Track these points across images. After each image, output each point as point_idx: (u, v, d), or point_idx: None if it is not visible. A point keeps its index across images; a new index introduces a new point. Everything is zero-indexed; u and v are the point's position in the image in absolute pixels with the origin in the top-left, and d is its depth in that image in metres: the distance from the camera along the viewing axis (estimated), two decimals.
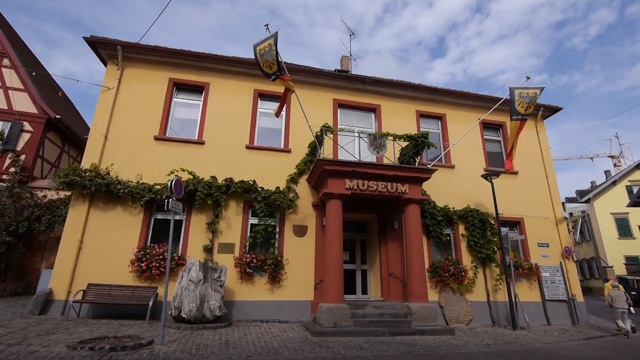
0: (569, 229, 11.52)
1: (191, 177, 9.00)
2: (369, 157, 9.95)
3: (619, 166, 38.32)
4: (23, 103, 12.48)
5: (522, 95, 9.23)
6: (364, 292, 10.30)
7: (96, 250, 8.22)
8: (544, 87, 9.39)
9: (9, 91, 12.48)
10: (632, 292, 20.33)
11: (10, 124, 12.18)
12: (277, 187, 9.45)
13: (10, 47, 12.80)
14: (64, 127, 13.55)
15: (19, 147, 12.03)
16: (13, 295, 10.96)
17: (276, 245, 9.20)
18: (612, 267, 25.02)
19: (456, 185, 10.89)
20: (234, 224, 9.11)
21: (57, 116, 12.49)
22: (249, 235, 9.11)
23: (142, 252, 8.23)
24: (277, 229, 9.35)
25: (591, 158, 44.37)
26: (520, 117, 9.23)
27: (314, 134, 9.26)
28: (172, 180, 6.13)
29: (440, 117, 11.90)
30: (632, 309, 9.30)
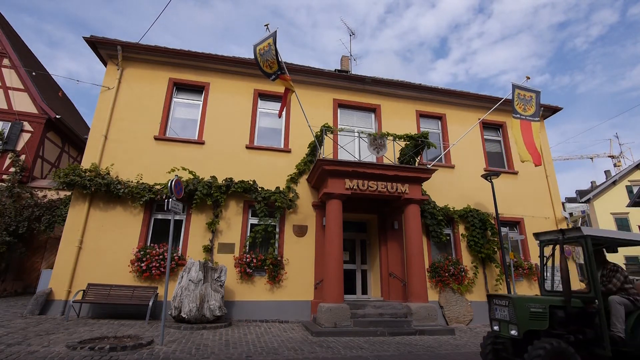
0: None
1: (191, 177, 9.00)
2: (369, 157, 9.95)
3: (619, 166, 38.30)
4: (23, 103, 12.48)
5: (519, 96, 9.42)
6: (364, 292, 10.30)
7: (96, 250, 8.22)
8: (540, 91, 9.58)
9: (9, 91, 12.47)
10: None
11: (10, 124, 12.17)
12: (277, 187, 9.45)
13: (10, 47, 12.78)
14: (64, 127, 13.54)
15: (19, 147, 12.03)
16: (13, 295, 10.96)
17: (276, 245, 9.21)
18: None
19: (456, 185, 10.89)
20: (234, 224, 9.11)
21: (57, 116, 12.49)
22: (249, 235, 9.11)
23: (142, 252, 8.23)
24: (277, 229, 9.35)
25: (591, 158, 44.42)
26: (520, 116, 9.33)
27: (314, 134, 9.26)
28: (172, 180, 6.12)
29: (440, 117, 11.90)
30: None
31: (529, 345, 3.99)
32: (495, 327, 4.49)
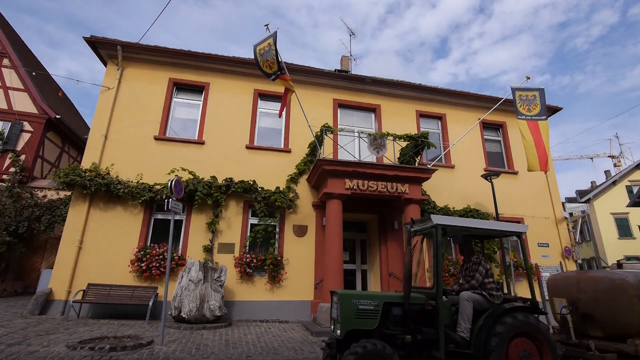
0: (569, 229, 11.52)
1: (191, 177, 9.00)
2: (369, 157, 9.95)
3: (619, 166, 38.24)
4: (23, 103, 12.48)
5: (522, 97, 9.30)
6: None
7: (96, 250, 8.22)
8: (543, 89, 9.42)
9: (9, 91, 12.47)
10: None
11: (10, 124, 12.17)
12: (277, 187, 9.45)
13: (10, 47, 12.79)
14: (64, 127, 13.54)
15: (19, 147, 12.03)
16: (13, 295, 10.97)
17: (276, 245, 9.21)
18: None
19: (456, 185, 10.89)
20: (234, 224, 9.10)
21: (57, 116, 12.48)
22: (249, 235, 9.11)
23: (142, 252, 8.23)
24: (277, 229, 9.35)
25: (591, 158, 44.31)
26: (525, 117, 9.19)
27: (314, 134, 9.26)
28: (172, 180, 6.12)
29: (440, 117, 11.90)
30: None
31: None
32: (332, 327, 4.03)
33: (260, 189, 9.30)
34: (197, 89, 10.31)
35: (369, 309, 3.84)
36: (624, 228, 26.36)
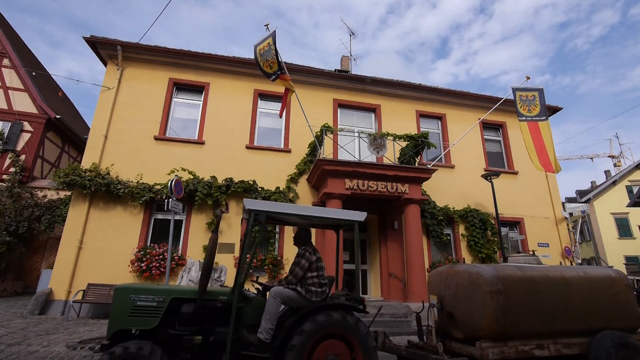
0: (569, 229, 11.52)
1: (191, 177, 9.00)
2: (369, 157, 9.95)
3: (619, 166, 38.22)
4: (23, 103, 12.47)
5: (522, 98, 9.28)
6: (364, 292, 10.29)
7: (96, 250, 8.22)
8: (542, 88, 9.41)
9: (9, 91, 12.47)
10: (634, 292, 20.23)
11: (10, 124, 12.16)
12: (277, 187, 9.45)
13: (10, 47, 12.78)
14: (64, 127, 13.54)
15: (19, 147, 12.02)
16: (13, 295, 10.97)
17: (276, 245, 9.21)
18: (612, 267, 24.96)
19: (456, 185, 10.89)
20: (234, 223, 9.10)
21: (57, 116, 12.48)
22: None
23: (142, 252, 8.23)
24: (277, 229, 9.35)
25: (591, 158, 44.25)
26: (525, 118, 9.17)
27: (314, 134, 9.26)
28: (172, 180, 6.14)
29: (440, 117, 11.90)
30: None
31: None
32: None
33: (260, 189, 9.30)
34: (197, 89, 10.32)
35: (150, 306, 3.36)
36: (624, 228, 26.36)
